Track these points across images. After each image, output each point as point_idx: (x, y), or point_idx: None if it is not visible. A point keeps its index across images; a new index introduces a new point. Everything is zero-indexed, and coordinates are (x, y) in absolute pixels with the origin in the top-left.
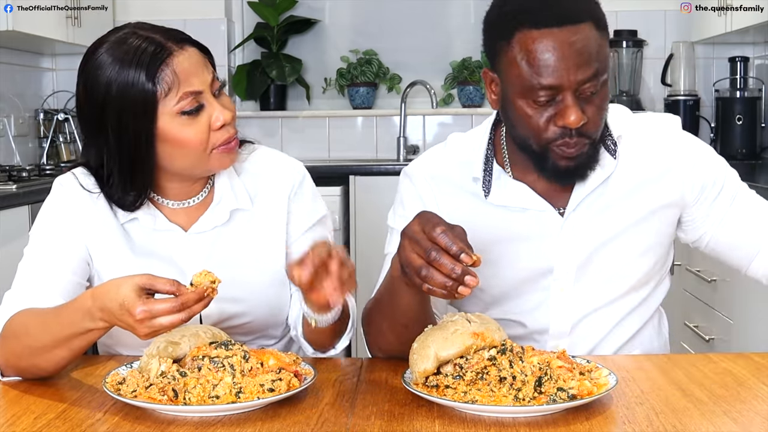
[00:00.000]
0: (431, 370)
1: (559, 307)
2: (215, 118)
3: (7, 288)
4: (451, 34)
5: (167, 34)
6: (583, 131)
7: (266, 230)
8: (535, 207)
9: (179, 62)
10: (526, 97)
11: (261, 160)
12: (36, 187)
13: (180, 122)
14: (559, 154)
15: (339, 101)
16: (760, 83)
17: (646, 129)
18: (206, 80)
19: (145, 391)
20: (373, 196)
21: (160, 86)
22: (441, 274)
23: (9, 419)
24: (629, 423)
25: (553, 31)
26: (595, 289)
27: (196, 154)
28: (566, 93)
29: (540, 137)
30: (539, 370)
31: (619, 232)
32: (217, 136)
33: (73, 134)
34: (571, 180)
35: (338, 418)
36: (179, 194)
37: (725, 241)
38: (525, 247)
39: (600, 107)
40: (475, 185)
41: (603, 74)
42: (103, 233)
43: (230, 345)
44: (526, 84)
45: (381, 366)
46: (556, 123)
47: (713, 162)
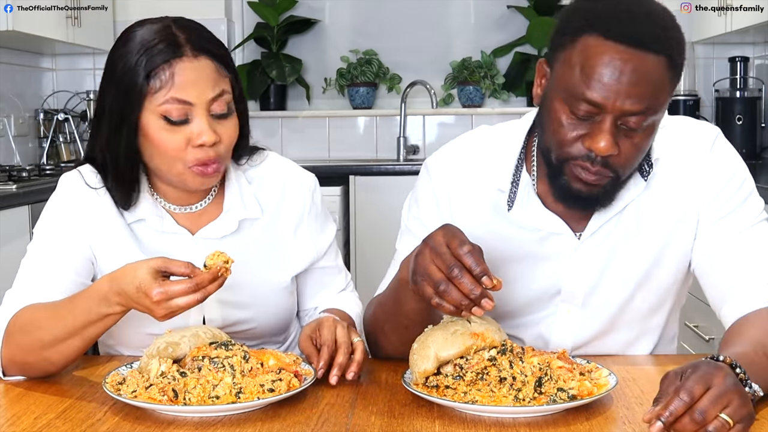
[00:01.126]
0: (431, 370)
1: (564, 329)
2: (197, 135)
3: (8, 287)
4: (451, 34)
5: (192, 37)
6: (609, 163)
7: (275, 239)
8: (554, 229)
9: (182, 68)
10: (567, 103)
11: (273, 169)
12: (36, 187)
13: (160, 125)
14: (574, 175)
15: (339, 101)
16: (760, 83)
17: (680, 146)
18: (205, 96)
19: (145, 392)
20: (373, 196)
21: (153, 81)
22: (459, 292)
23: (9, 419)
24: (629, 423)
25: (620, 49)
26: (602, 315)
27: (172, 163)
28: (607, 117)
29: (562, 150)
30: (539, 371)
31: (635, 262)
32: (194, 153)
33: (73, 134)
34: (576, 204)
35: (338, 418)
36: (179, 199)
37: (709, 274)
38: (536, 267)
39: (638, 148)
40: (498, 195)
41: (653, 115)
42: (108, 232)
43: (230, 345)
44: (572, 90)
45: (381, 366)
46: (584, 143)
47: (735, 185)
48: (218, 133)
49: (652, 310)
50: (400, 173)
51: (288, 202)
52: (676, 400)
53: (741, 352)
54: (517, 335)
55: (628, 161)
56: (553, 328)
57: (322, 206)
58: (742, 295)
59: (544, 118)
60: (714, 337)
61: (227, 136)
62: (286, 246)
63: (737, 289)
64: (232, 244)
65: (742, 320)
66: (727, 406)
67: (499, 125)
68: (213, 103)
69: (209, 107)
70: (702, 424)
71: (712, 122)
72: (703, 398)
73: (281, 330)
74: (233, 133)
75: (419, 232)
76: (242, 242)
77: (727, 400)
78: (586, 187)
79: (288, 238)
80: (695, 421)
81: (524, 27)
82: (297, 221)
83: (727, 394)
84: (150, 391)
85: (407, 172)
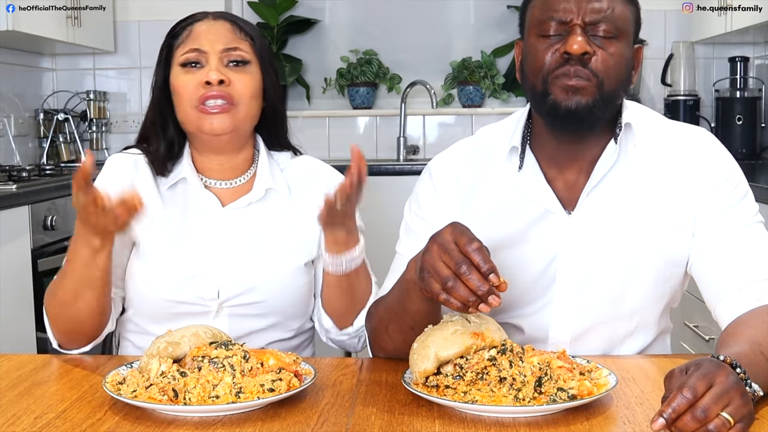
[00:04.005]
0: (431, 370)
1: (562, 319)
2: (205, 73)
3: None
4: (451, 34)
5: (219, 13)
6: (588, 64)
7: (297, 221)
8: (548, 205)
9: (200, 25)
10: (539, 33)
11: (305, 161)
12: (36, 187)
13: (180, 72)
14: (558, 87)
15: (339, 101)
16: (760, 83)
17: (672, 136)
18: (217, 46)
19: (146, 391)
20: (373, 196)
21: (176, 41)
22: (466, 289)
23: (9, 419)
24: (629, 423)
25: None
26: (598, 303)
27: (188, 109)
28: (575, 27)
29: (543, 69)
30: (539, 371)
31: (627, 250)
32: (202, 91)
33: (73, 134)
34: (569, 124)
35: (338, 418)
36: (219, 172)
37: (703, 272)
38: (533, 250)
39: (613, 57)
40: (502, 175)
41: (615, 23)
42: (145, 201)
43: (230, 345)
44: (539, 19)
45: (381, 366)
46: (560, 51)
47: (730, 185)
48: (229, 78)
49: (647, 303)
50: (400, 173)
51: (315, 189)
52: (679, 397)
53: (739, 351)
54: (518, 325)
55: (606, 66)
56: (552, 318)
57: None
58: (737, 294)
59: (525, 66)
60: (714, 337)
61: (241, 83)
62: (306, 230)
63: (732, 288)
64: (257, 212)
65: (738, 320)
66: (728, 404)
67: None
68: (225, 54)
69: (222, 56)
70: (703, 422)
71: (712, 122)
72: (705, 396)
73: (295, 315)
74: (248, 83)
75: (421, 230)
76: (266, 212)
77: (728, 399)
78: (573, 94)
79: (309, 224)
80: (697, 419)
81: None
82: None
83: (730, 392)
84: (150, 390)
85: (407, 172)
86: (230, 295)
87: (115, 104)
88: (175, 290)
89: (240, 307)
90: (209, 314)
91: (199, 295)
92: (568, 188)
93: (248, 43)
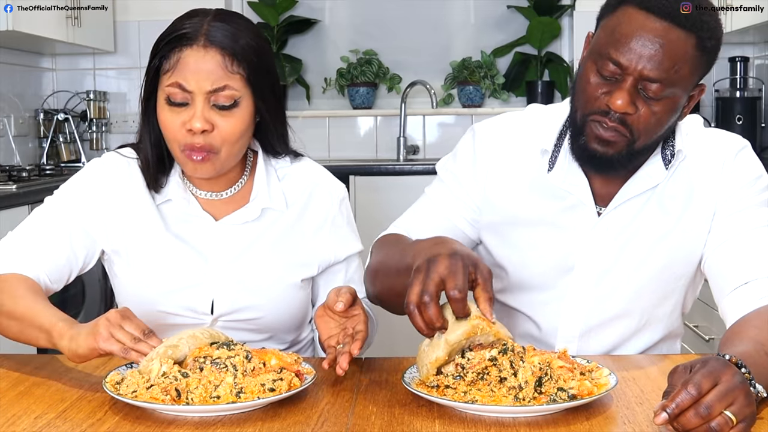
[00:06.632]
0: (443, 357)
1: (575, 311)
2: (189, 119)
3: None
4: (451, 34)
5: (214, 31)
6: (626, 122)
7: (294, 237)
8: (581, 197)
9: (188, 55)
10: (596, 63)
11: (305, 170)
12: (36, 187)
13: (165, 106)
14: (593, 132)
15: (339, 101)
16: (760, 83)
17: (707, 150)
18: (203, 86)
19: (147, 391)
20: (373, 196)
21: (164, 63)
22: (422, 319)
23: (9, 419)
24: (629, 423)
25: (652, 19)
26: (614, 298)
27: (172, 144)
28: (628, 78)
29: (586, 105)
30: (539, 371)
31: (650, 250)
32: (186, 137)
33: (73, 134)
34: (592, 165)
35: (338, 418)
36: (206, 185)
37: (714, 266)
38: (555, 237)
39: (655, 115)
40: (539, 158)
41: (672, 87)
42: (136, 210)
43: (232, 345)
44: (601, 50)
45: (381, 366)
46: (604, 99)
47: (755, 188)
48: (214, 123)
49: (662, 302)
50: (400, 173)
51: (314, 204)
52: (683, 392)
53: (744, 351)
54: (530, 315)
55: (645, 126)
56: (563, 311)
57: (349, 220)
58: (743, 289)
59: (577, 80)
60: (714, 337)
61: (226, 128)
62: (303, 247)
63: (738, 283)
64: (252, 230)
65: (742, 320)
66: (732, 403)
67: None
68: (213, 95)
69: (209, 97)
70: (706, 420)
71: (712, 122)
72: (709, 393)
73: (290, 328)
74: (234, 127)
75: (451, 183)
76: (261, 230)
77: (732, 398)
78: (602, 145)
79: (307, 240)
80: (700, 415)
81: (524, 27)
82: (319, 225)
83: (734, 391)
84: (152, 390)
85: (407, 172)
86: (224, 311)
87: (115, 104)
88: (165, 302)
89: (235, 322)
90: (203, 327)
91: (190, 308)
92: (605, 185)
93: (239, 76)
